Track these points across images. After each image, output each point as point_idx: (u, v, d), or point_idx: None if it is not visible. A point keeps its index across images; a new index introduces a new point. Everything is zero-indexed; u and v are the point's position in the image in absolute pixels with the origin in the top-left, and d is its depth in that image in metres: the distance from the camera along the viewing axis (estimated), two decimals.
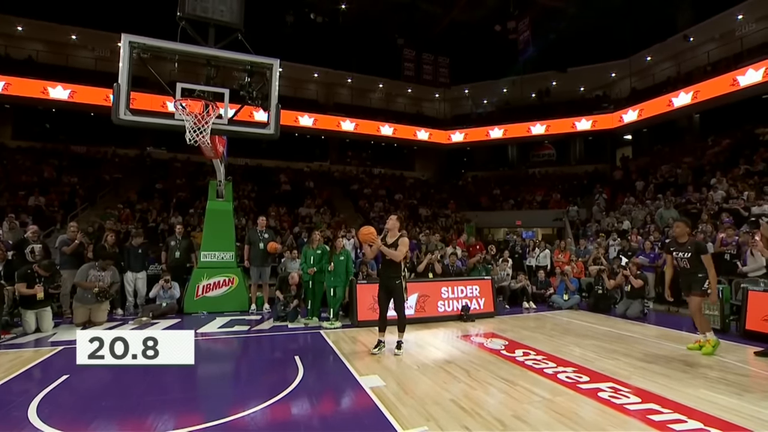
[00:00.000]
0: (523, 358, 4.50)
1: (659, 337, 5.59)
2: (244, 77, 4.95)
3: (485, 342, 5.25)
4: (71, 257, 6.57)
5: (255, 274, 7.12)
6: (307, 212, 13.60)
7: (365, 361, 4.37)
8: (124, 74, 4.39)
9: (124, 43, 4.41)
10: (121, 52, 4.41)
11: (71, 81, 16.01)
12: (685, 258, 4.78)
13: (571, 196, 18.34)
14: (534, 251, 10.48)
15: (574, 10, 18.29)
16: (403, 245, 4.61)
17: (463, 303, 6.82)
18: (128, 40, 4.42)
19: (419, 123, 22.64)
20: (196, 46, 4.86)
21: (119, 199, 13.21)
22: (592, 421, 2.91)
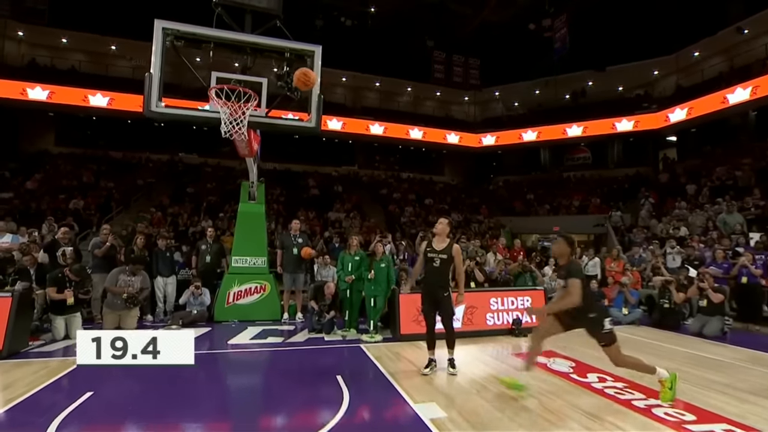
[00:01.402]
0: (600, 385, 3.86)
1: (754, 362, 4.78)
2: (282, 66, 4.58)
3: (548, 362, 4.62)
4: (103, 261, 6.38)
5: (288, 280, 6.71)
6: (336, 217, 13.25)
7: (416, 383, 3.84)
8: (157, 63, 4.11)
9: (157, 30, 4.13)
10: (153, 40, 4.14)
11: (110, 89, 16.46)
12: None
13: (612, 200, 17.27)
14: (581, 259, 9.67)
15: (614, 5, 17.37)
16: (458, 255, 4.18)
17: (513, 315, 6.19)
18: (161, 26, 4.14)
19: (448, 126, 22.08)
20: (233, 32, 4.53)
21: (152, 203, 13.29)
22: None
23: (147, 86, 4.18)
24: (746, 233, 9.18)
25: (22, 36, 17.42)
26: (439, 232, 4.25)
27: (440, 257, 4.14)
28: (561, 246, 3.67)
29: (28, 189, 13.07)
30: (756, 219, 9.87)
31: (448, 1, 18.47)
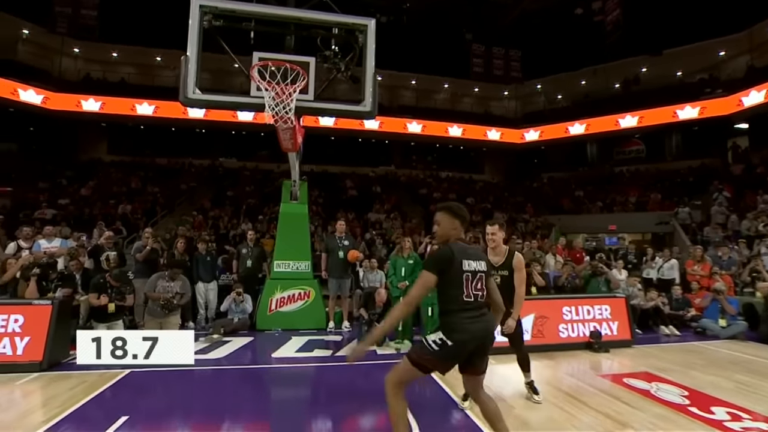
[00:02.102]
0: (738, 426, 3.03)
1: None
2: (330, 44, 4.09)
3: (651, 389, 3.80)
4: (145, 265, 6.20)
5: (333, 286, 6.22)
6: (376, 218, 12.76)
7: None
8: (194, 45, 3.73)
9: (194, 7, 3.76)
10: (189, 19, 3.77)
11: (155, 98, 17.08)
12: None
13: (675, 195, 15.67)
14: (653, 261, 8.59)
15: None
16: (521, 269, 3.40)
17: (591, 327, 5.36)
18: (198, 3, 3.76)
19: (487, 123, 21.11)
20: (276, 7, 4.10)
21: (194, 207, 13.39)
22: None
23: (183, 71, 3.82)
24: None
25: (78, 52, 18.51)
26: (495, 244, 3.44)
27: (501, 274, 3.38)
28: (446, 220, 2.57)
29: (83, 195, 13.59)
30: None
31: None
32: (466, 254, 2.27)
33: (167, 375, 4.06)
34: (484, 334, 2.25)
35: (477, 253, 2.35)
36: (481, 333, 2.23)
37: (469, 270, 2.23)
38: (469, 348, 2.21)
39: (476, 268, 2.26)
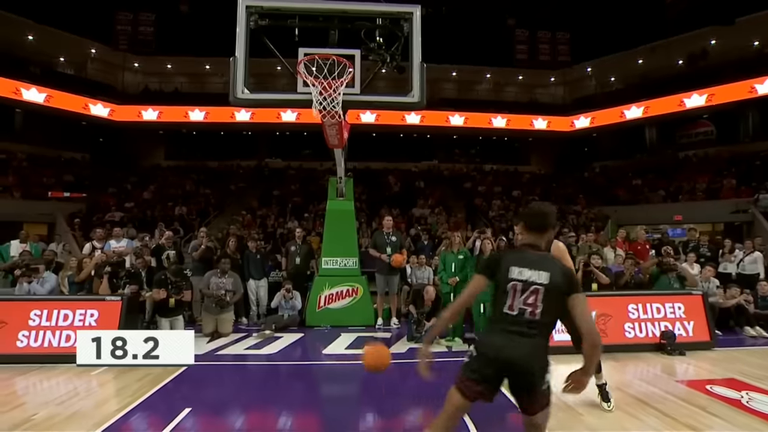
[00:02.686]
0: None
1: None
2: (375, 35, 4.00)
3: (741, 398, 3.38)
4: (200, 263, 6.49)
5: (381, 283, 6.16)
6: (421, 213, 12.60)
7: (561, 420, 2.96)
8: (241, 45, 3.80)
9: (240, 9, 3.82)
10: (237, 20, 3.83)
11: (206, 104, 18.00)
12: None
13: (754, 181, 14.10)
14: (732, 254, 7.73)
15: None
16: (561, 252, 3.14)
17: (662, 327, 4.89)
18: (245, 4, 3.82)
19: (533, 111, 20.16)
20: (319, 1, 4.08)
21: (243, 207, 13.95)
22: None
23: (232, 71, 3.90)
24: None
25: (137, 66, 19.97)
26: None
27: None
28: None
29: (145, 199, 14.63)
30: None
31: None
32: (522, 261, 1.93)
33: (224, 369, 4.20)
34: (510, 358, 1.82)
35: (542, 262, 1.94)
36: (506, 354, 1.83)
37: (520, 279, 1.89)
38: (493, 368, 1.85)
39: (531, 279, 1.88)
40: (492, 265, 2.00)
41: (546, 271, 1.89)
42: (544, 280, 1.87)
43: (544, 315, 1.85)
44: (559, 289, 1.87)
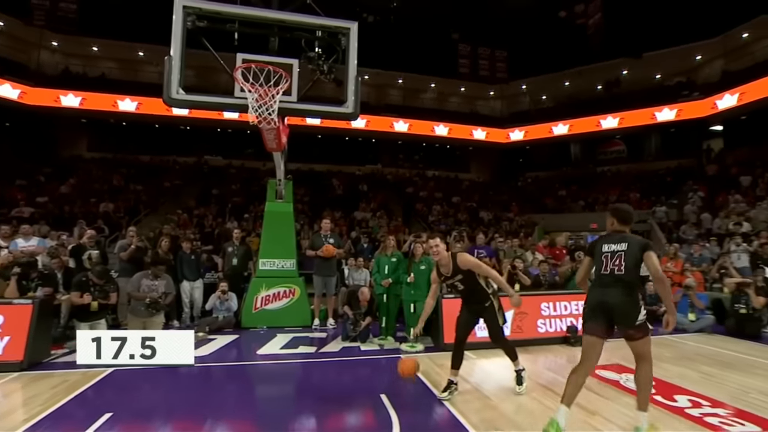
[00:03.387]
0: (697, 412, 3.23)
1: None
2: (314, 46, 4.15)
3: (620, 379, 4.00)
4: (129, 264, 6.16)
5: (319, 284, 6.28)
6: (363, 216, 12.85)
7: (474, 406, 3.32)
8: (177, 45, 3.75)
9: (177, 8, 3.77)
10: (173, 20, 3.78)
11: (138, 94, 16.75)
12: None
13: (653, 195, 16.19)
14: None
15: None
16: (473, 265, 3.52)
17: (568, 322, 5.56)
18: (182, 5, 3.78)
19: (474, 122, 21.38)
20: (260, 9, 4.13)
21: (179, 205, 13.26)
22: None
23: (166, 71, 3.83)
24: None
25: (57, 45, 18.02)
26: (438, 256, 3.53)
27: (457, 279, 3.53)
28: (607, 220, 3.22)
29: (63, 193, 13.31)
30: None
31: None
32: (609, 240, 2.77)
33: (151, 373, 4.08)
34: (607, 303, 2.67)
35: (623, 239, 2.73)
36: (604, 300, 2.69)
37: (608, 251, 2.72)
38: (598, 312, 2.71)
39: (615, 249, 2.70)
40: (591, 249, 2.92)
41: (625, 242, 2.68)
42: (624, 248, 2.66)
43: (627, 272, 2.63)
44: (634, 251, 2.62)
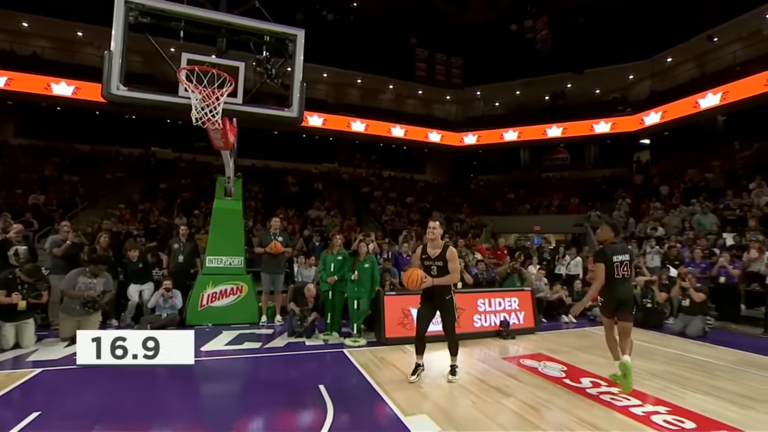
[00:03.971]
0: (596, 391, 3.72)
1: (744, 364, 4.76)
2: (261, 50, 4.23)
3: (539, 366, 4.47)
4: (63, 261, 5.84)
5: (267, 281, 6.34)
6: (316, 215, 12.88)
7: (406, 393, 3.60)
8: (118, 40, 3.68)
9: (119, 3, 3.70)
10: (114, 14, 3.71)
11: (76, 77, 15.53)
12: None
13: (589, 200, 17.57)
14: (564, 258, 9.69)
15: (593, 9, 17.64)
16: (453, 260, 3.87)
17: (501, 317, 6.05)
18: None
19: (430, 125, 21.97)
20: (207, 10, 4.14)
21: (121, 199, 12.57)
22: None
23: (106, 66, 3.75)
24: (721, 234, 9.41)
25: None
26: (432, 237, 3.96)
27: (437, 264, 3.88)
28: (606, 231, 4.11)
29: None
30: (730, 220, 10.13)
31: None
32: (616, 251, 3.80)
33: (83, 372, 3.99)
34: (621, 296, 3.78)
35: (624, 249, 3.88)
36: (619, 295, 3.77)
37: (618, 260, 3.75)
38: (613, 302, 3.79)
39: (623, 259, 3.77)
40: (603, 258, 3.77)
41: (627, 253, 3.83)
42: (627, 258, 3.79)
43: (630, 275, 3.82)
44: (632, 259, 3.83)
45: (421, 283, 3.72)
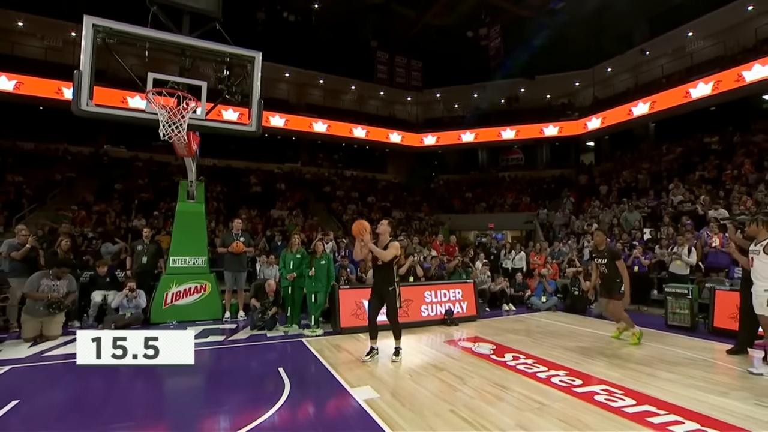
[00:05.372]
0: (514, 363, 4.46)
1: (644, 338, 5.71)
2: (222, 69, 4.61)
3: (473, 347, 5.17)
4: (21, 264, 5.90)
5: (230, 279, 6.69)
6: (279, 215, 13.16)
7: (354, 372, 4.16)
8: (87, 60, 3.94)
9: (87, 26, 3.96)
10: (83, 36, 3.97)
11: (17, 71, 14.75)
12: (603, 264, 5.48)
13: (540, 199, 18.89)
14: (510, 253, 10.62)
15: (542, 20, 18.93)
16: (393, 248, 4.48)
17: (446, 307, 6.75)
18: (92, 23, 3.98)
19: (391, 125, 22.64)
20: (169, 33, 4.46)
21: (73, 200, 12.24)
22: (596, 426, 2.87)
23: (76, 84, 3.99)
24: (642, 229, 10.69)
25: None
26: (381, 232, 4.59)
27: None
28: (600, 236, 5.62)
29: None
30: (648, 217, 11.51)
31: (392, 3, 18.89)
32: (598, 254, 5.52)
33: (52, 368, 4.22)
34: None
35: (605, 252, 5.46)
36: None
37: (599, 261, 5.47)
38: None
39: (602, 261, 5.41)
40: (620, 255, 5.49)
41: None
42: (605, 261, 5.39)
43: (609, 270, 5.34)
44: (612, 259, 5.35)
45: (361, 234, 4.30)
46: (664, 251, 8.45)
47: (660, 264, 8.54)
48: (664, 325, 6.49)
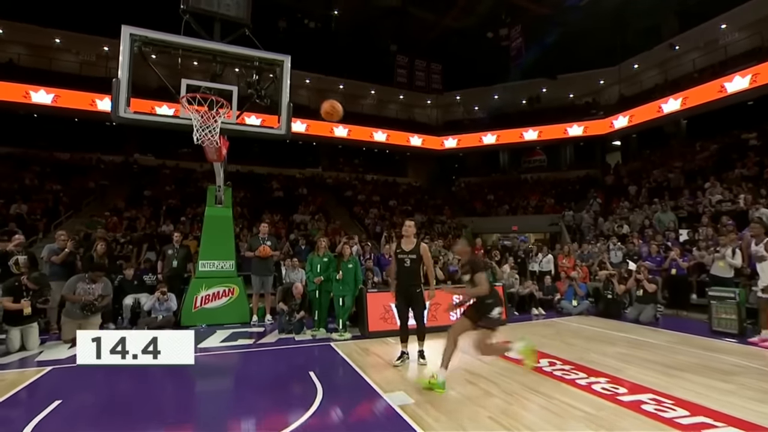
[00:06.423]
0: (551, 368, 4.29)
1: (681, 343, 5.43)
2: (252, 74, 4.68)
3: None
4: (61, 268, 6.13)
5: (257, 283, 6.75)
6: (301, 219, 13.27)
7: (385, 375, 4.09)
8: (125, 69, 4.07)
9: (125, 36, 4.10)
10: (121, 46, 4.10)
11: (54, 85, 15.49)
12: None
13: (564, 201, 18.42)
14: (537, 256, 10.34)
15: (564, 18, 18.54)
16: (427, 253, 4.44)
17: None
18: (129, 32, 4.11)
19: (411, 129, 22.59)
20: (202, 40, 4.56)
21: (106, 207, 12.70)
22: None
23: (114, 92, 4.13)
24: (677, 230, 10.22)
25: None
26: (406, 234, 4.54)
27: (410, 257, 4.44)
28: (462, 246, 4.28)
29: None
30: (685, 217, 11.00)
31: (410, 7, 18.91)
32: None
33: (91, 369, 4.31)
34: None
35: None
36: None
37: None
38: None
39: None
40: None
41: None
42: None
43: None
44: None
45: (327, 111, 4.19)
46: (704, 253, 8.05)
47: (699, 266, 8.13)
48: (708, 330, 6.15)
